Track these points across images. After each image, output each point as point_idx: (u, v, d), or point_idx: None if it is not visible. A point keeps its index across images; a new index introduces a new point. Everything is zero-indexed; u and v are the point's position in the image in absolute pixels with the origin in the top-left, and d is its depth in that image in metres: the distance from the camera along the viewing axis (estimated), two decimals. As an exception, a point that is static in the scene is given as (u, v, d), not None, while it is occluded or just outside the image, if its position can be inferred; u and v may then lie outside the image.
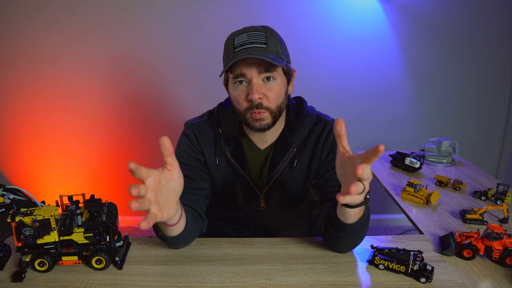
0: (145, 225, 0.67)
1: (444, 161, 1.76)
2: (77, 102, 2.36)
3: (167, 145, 0.74)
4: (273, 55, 0.94)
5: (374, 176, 1.66)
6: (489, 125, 2.49)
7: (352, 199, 0.70)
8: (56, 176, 2.51)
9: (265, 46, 0.94)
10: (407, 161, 1.65)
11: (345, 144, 0.75)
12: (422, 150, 1.83)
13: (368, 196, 0.78)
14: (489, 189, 1.40)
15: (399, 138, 2.49)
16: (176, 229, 0.91)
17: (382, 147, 0.66)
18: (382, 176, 1.62)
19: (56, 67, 2.28)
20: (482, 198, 1.39)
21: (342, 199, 0.68)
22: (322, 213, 1.01)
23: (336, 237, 0.93)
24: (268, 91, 0.97)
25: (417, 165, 1.64)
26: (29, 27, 2.19)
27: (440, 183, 1.51)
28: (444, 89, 2.41)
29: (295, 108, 1.13)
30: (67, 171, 2.50)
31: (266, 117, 0.99)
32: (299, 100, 1.16)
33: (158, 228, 0.95)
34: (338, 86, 2.36)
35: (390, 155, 1.76)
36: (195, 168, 1.09)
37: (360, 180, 0.69)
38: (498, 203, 1.34)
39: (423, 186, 1.39)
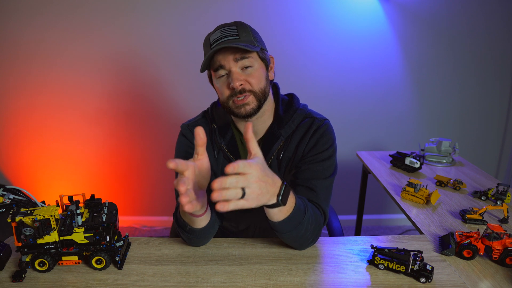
0: (189, 207, 0.73)
1: (444, 161, 1.76)
2: (77, 102, 2.36)
3: (202, 135, 0.78)
4: (245, 43, 0.99)
5: (374, 176, 1.66)
6: (489, 125, 2.49)
7: (232, 206, 0.69)
8: (56, 176, 2.51)
9: (237, 37, 1.00)
10: (407, 161, 1.65)
11: (251, 147, 0.77)
12: (422, 150, 1.83)
13: (280, 198, 0.81)
14: (489, 189, 1.40)
15: (399, 138, 2.49)
16: (205, 219, 0.93)
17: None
18: (382, 176, 1.62)
19: (56, 67, 2.28)
20: (482, 198, 1.39)
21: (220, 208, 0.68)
22: None
23: (277, 234, 0.95)
24: (248, 77, 1.01)
25: (417, 165, 1.64)
26: (29, 27, 2.19)
27: (440, 183, 1.51)
28: (444, 89, 2.41)
29: (285, 103, 1.15)
30: (67, 171, 2.50)
31: (251, 101, 1.01)
32: (290, 96, 1.18)
33: (185, 224, 0.96)
34: (338, 86, 2.36)
35: (390, 155, 1.76)
36: None
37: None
38: (498, 203, 1.34)
39: (423, 186, 1.39)
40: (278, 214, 0.87)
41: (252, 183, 0.71)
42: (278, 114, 1.11)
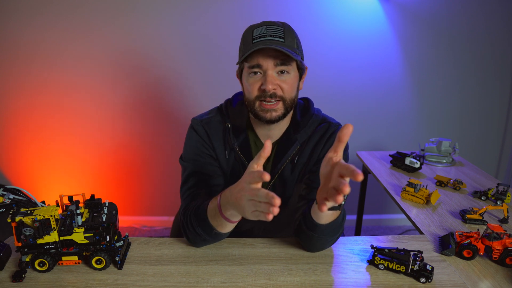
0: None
1: (444, 161, 1.76)
2: (77, 102, 2.36)
3: (269, 148, 0.75)
4: (290, 49, 0.97)
5: (374, 176, 1.66)
6: (489, 125, 2.49)
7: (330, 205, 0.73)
8: (56, 176, 2.51)
9: (282, 40, 0.97)
10: (407, 161, 1.65)
11: (339, 150, 0.76)
12: (422, 150, 1.83)
13: (343, 202, 0.80)
14: (489, 189, 1.40)
15: (399, 138, 2.49)
16: (235, 223, 0.92)
17: (360, 177, 0.65)
18: (382, 176, 1.62)
19: (56, 67, 2.28)
20: (482, 198, 1.39)
21: (323, 207, 0.71)
22: (302, 208, 1.03)
23: (307, 235, 0.94)
24: (282, 83, 0.99)
25: (417, 165, 1.64)
26: (29, 27, 2.19)
27: (440, 183, 1.51)
28: (444, 89, 2.41)
29: (301, 108, 1.15)
30: (67, 171, 2.50)
31: (279, 108, 1.00)
32: (306, 101, 1.18)
33: (211, 228, 0.93)
34: (338, 86, 2.36)
35: (390, 155, 1.76)
36: (209, 165, 1.10)
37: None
38: (498, 203, 1.34)
39: (423, 186, 1.39)
40: (328, 216, 0.88)
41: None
42: (295, 119, 1.10)
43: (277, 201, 0.68)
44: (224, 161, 1.11)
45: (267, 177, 0.69)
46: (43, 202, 1.09)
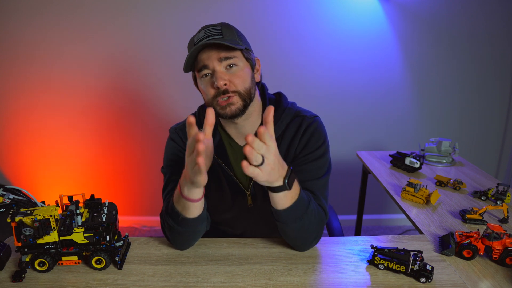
0: (203, 176, 0.78)
1: (444, 161, 1.76)
2: (77, 102, 2.36)
3: (212, 115, 0.80)
4: (229, 42, 0.97)
5: (374, 176, 1.66)
6: (489, 125, 2.49)
7: (251, 171, 0.74)
8: (56, 176, 2.51)
9: (221, 36, 0.98)
10: (407, 161, 1.65)
11: (269, 130, 0.77)
12: (422, 150, 1.83)
13: (286, 181, 0.82)
14: (489, 189, 1.40)
15: (399, 138, 2.49)
16: (199, 205, 0.92)
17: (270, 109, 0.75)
18: (382, 176, 1.62)
19: (56, 67, 2.28)
20: (482, 198, 1.39)
21: (244, 167, 0.73)
22: None
23: (278, 228, 0.95)
24: (232, 76, 0.99)
25: (417, 165, 1.64)
26: (29, 27, 2.19)
27: (440, 183, 1.51)
28: (444, 89, 2.41)
29: (273, 103, 1.12)
30: (67, 171, 2.50)
31: (236, 101, 0.99)
32: (278, 95, 1.15)
33: (177, 214, 0.94)
34: (338, 86, 2.36)
35: (390, 155, 1.76)
36: None
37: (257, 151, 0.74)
38: (498, 203, 1.34)
39: (423, 186, 1.39)
40: (284, 200, 0.87)
41: (270, 154, 0.75)
42: None
43: (200, 136, 0.72)
44: None
45: (200, 136, 0.73)
46: (43, 202, 1.09)
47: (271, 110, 0.76)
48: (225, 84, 0.97)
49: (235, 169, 1.12)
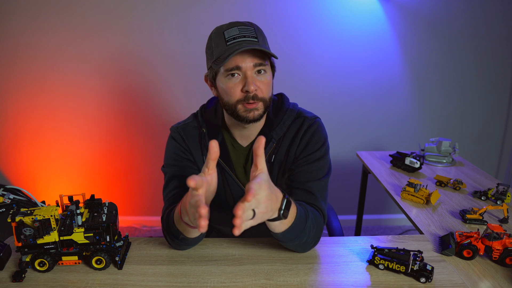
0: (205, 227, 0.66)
1: (444, 161, 1.76)
2: (77, 102, 2.36)
3: (216, 149, 0.74)
4: (267, 48, 0.97)
5: (374, 176, 1.66)
6: (489, 125, 2.50)
7: (242, 225, 0.68)
8: (56, 176, 2.51)
9: (256, 39, 0.96)
10: (407, 161, 1.65)
11: (258, 163, 0.73)
12: (422, 150, 1.83)
13: (282, 212, 0.79)
14: (489, 189, 1.40)
15: (399, 138, 2.49)
16: (197, 230, 0.91)
17: (239, 208, 0.65)
18: (382, 176, 1.62)
19: (56, 67, 2.28)
20: (482, 198, 1.39)
21: (234, 230, 0.66)
22: None
23: (277, 241, 0.95)
24: (261, 83, 0.98)
25: (417, 165, 1.64)
26: (29, 27, 2.19)
27: (440, 183, 1.51)
28: (444, 89, 2.41)
29: (275, 104, 1.13)
30: (67, 171, 2.50)
31: (260, 107, 0.99)
32: (280, 96, 1.16)
33: (178, 233, 0.93)
34: (338, 86, 2.36)
35: (390, 155, 1.76)
36: (188, 168, 1.10)
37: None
38: (498, 203, 1.34)
39: (423, 186, 1.39)
40: (280, 226, 0.86)
41: (261, 203, 0.71)
42: (269, 116, 1.09)
43: (203, 211, 0.64)
44: (202, 165, 1.10)
45: (190, 183, 0.65)
46: (43, 202, 1.09)
47: (262, 142, 0.71)
48: (255, 90, 0.96)
49: (236, 170, 1.12)
